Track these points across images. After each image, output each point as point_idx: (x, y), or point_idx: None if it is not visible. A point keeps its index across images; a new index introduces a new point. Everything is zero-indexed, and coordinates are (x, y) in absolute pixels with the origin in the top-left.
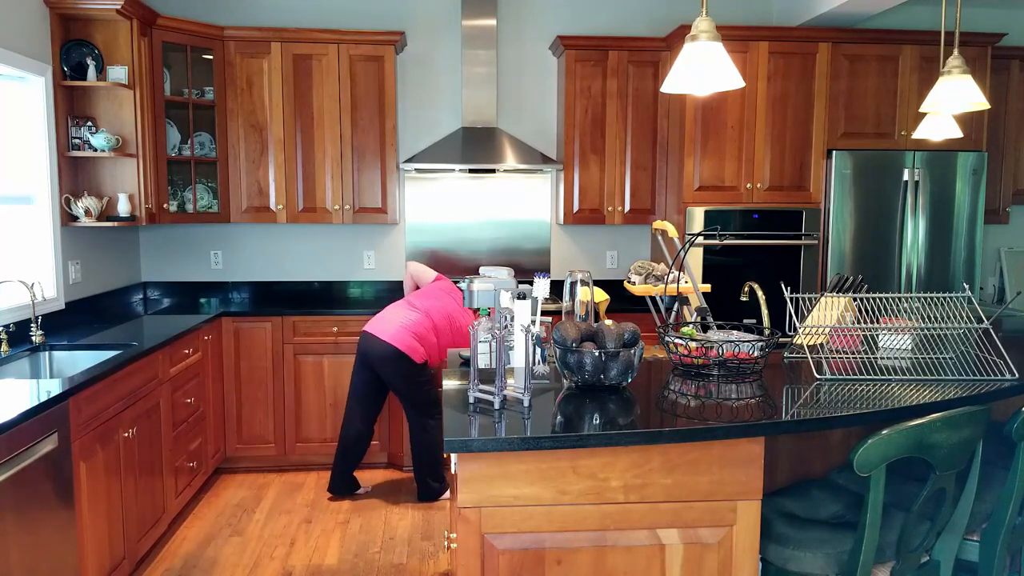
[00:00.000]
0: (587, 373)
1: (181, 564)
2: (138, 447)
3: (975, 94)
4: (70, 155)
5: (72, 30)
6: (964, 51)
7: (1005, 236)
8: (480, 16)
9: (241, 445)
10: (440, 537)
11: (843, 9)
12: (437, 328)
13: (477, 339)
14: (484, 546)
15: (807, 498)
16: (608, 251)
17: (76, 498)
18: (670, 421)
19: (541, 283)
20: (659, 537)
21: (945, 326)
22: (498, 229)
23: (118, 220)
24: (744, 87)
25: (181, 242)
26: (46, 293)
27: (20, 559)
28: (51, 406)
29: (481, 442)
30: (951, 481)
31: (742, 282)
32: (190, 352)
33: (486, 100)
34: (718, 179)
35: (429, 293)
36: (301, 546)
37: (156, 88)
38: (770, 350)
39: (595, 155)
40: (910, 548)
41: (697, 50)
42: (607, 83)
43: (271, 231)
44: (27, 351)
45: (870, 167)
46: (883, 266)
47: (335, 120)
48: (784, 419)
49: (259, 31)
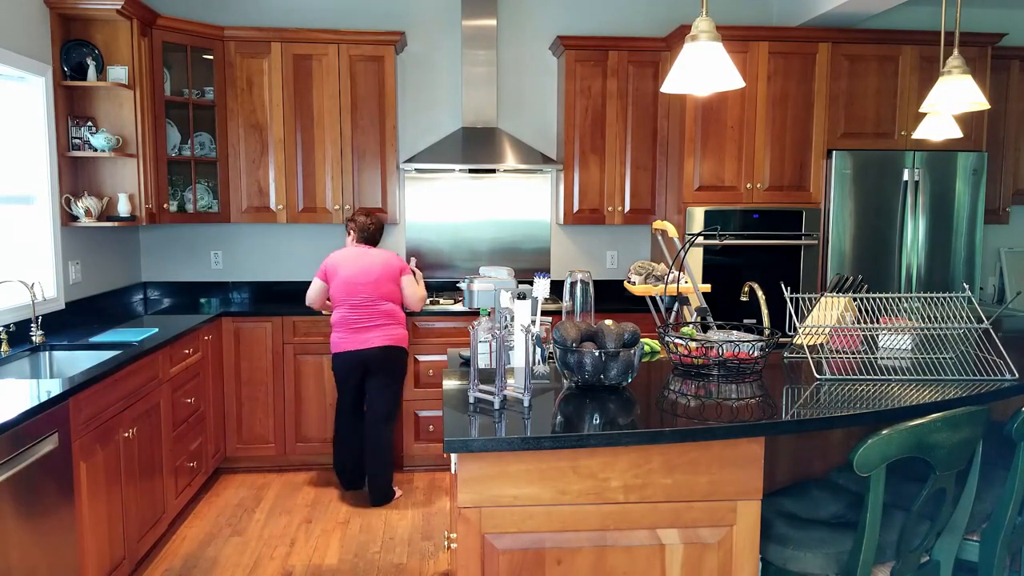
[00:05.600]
0: (587, 373)
1: (181, 564)
2: (138, 447)
3: (975, 94)
4: (70, 155)
5: (72, 30)
6: (964, 51)
7: (1005, 236)
8: (480, 16)
9: (241, 445)
10: (440, 537)
11: (843, 9)
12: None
13: (477, 339)
14: (484, 546)
15: (807, 498)
16: (608, 251)
17: (76, 498)
18: (670, 421)
19: (541, 283)
20: (659, 537)
21: (945, 326)
22: (498, 229)
23: (118, 220)
24: (744, 87)
25: (181, 242)
26: (46, 293)
27: (20, 559)
28: (51, 406)
29: (481, 442)
30: (951, 481)
31: (742, 282)
32: (190, 352)
33: (486, 100)
34: (718, 179)
35: (355, 278)
36: (301, 546)
37: (156, 88)
38: (770, 350)
39: (595, 155)
40: (910, 548)
41: (697, 50)
42: (607, 83)
43: (271, 231)
44: (27, 351)
45: (870, 167)
46: (883, 266)
47: (335, 120)
48: (784, 419)
49: (259, 31)
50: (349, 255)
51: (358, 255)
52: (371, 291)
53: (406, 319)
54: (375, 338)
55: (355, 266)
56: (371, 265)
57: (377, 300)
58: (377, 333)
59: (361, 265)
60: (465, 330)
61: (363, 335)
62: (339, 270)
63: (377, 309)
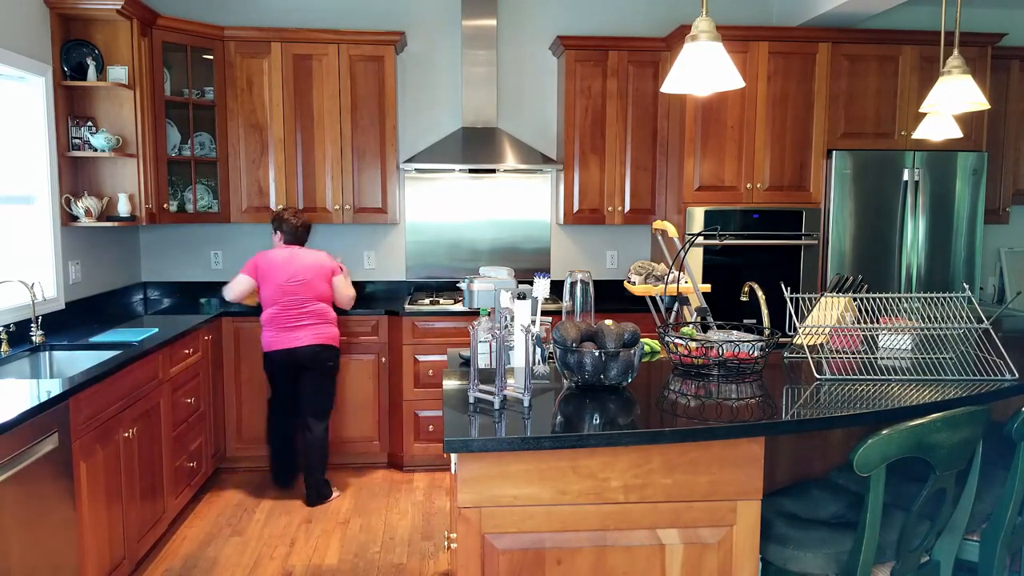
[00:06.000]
0: (587, 373)
1: (181, 564)
2: (138, 447)
3: (975, 94)
4: (70, 155)
5: (72, 30)
6: (964, 51)
7: (1005, 236)
8: (480, 16)
9: (241, 445)
10: (440, 537)
11: (843, 9)
12: (324, 295)
13: (477, 339)
14: (484, 546)
15: (807, 498)
16: (608, 251)
17: (76, 498)
18: (670, 421)
19: (541, 283)
20: (659, 537)
21: (945, 326)
22: (498, 229)
23: (118, 220)
24: (744, 87)
25: (181, 242)
26: (46, 293)
27: (20, 559)
28: (51, 406)
29: (481, 442)
30: (951, 481)
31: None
32: (190, 352)
33: (486, 100)
34: (718, 179)
35: (288, 281)
36: (301, 546)
37: (156, 88)
38: (770, 350)
39: (595, 155)
40: (910, 548)
41: (697, 50)
42: (607, 83)
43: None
44: (27, 351)
45: (870, 167)
46: (883, 266)
47: (335, 120)
48: (784, 419)
49: (259, 31)
50: (281, 257)
51: (291, 257)
52: (304, 292)
53: (337, 318)
54: (306, 336)
55: (287, 270)
56: (304, 267)
57: (310, 300)
58: (308, 332)
59: (294, 268)
60: (465, 330)
61: (294, 333)
62: (272, 273)
63: (309, 309)
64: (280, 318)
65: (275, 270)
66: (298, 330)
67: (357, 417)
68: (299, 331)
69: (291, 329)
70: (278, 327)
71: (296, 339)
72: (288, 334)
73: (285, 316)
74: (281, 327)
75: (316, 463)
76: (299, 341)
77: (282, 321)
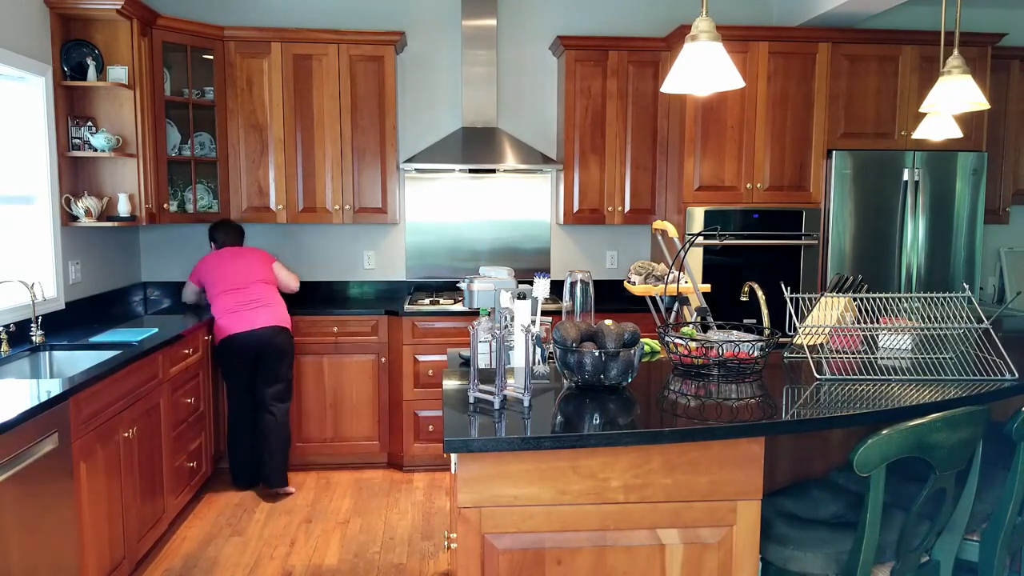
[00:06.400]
0: (587, 373)
1: (181, 564)
2: (138, 447)
3: (975, 94)
4: (70, 155)
5: (72, 30)
6: (964, 51)
7: (1005, 236)
8: (480, 16)
9: None
10: (440, 537)
11: (843, 9)
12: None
13: (477, 339)
14: (484, 546)
15: (807, 498)
16: (608, 251)
17: (76, 498)
18: (670, 421)
19: (541, 283)
20: (659, 537)
21: (945, 326)
22: (498, 229)
23: (118, 220)
24: (744, 87)
25: (181, 242)
26: (46, 293)
27: (20, 559)
28: (51, 406)
29: (481, 442)
30: (951, 481)
31: (742, 282)
32: (190, 352)
33: (486, 100)
34: (718, 179)
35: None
36: (301, 546)
37: (156, 88)
38: (770, 350)
39: (595, 155)
40: (910, 548)
41: (697, 50)
42: (607, 83)
43: (271, 231)
44: (27, 351)
45: (870, 167)
46: (883, 266)
47: (335, 120)
48: (784, 419)
49: (259, 31)
50: (225, 254)
51: (234, 252)
52: (252, 273)
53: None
54: (264, 318)
55: (233, 260)
56: (246, 253)
57: (259, 281)
58: (266, 313)
59: (238, 257)
60: (465, 330)
61: (252, 314)
62: (219, 268)
63: (260, 291)
64: (231, 303)
65: (221, 263)
66: (255, 311)
67: (357, 417)
68: (256, 312)
69: (248, 310)
70: (234, 310)
71: (255, 320)
72: (246, 314)
73: (240, 297)
74: (236, 310)
75: (279, 447)
76: (259, 322)
77: (238, 302)
